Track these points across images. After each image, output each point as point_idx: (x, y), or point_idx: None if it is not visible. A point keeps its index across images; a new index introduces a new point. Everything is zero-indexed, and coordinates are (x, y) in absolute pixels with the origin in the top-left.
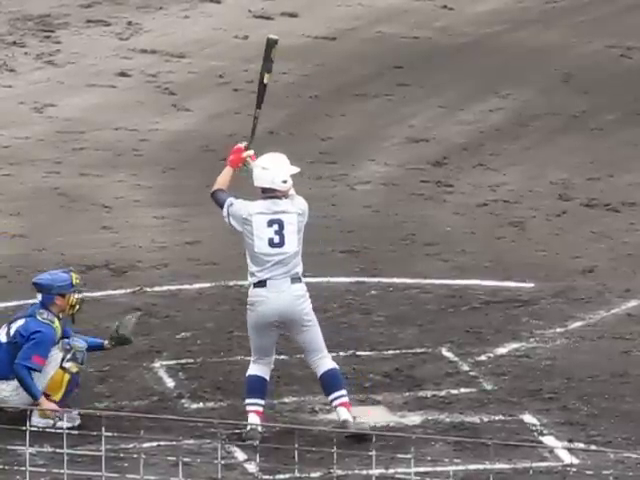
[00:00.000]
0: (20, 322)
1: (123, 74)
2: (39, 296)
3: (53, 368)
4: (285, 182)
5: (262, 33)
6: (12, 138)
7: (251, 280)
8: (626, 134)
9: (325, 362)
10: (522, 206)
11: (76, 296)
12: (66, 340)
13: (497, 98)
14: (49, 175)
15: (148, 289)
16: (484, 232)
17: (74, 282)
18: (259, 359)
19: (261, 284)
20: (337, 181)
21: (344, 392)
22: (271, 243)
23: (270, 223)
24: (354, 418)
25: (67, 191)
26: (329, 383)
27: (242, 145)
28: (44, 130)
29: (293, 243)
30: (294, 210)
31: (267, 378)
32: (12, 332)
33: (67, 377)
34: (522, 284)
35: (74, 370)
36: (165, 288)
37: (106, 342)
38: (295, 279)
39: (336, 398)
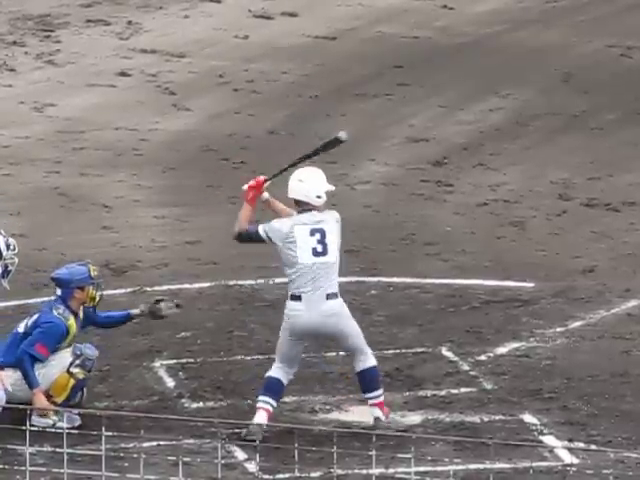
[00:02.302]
0: (37, 314)
1: (123, 74)
2: (58, 291)
3: (60, 370)
4: (319, 197)
5: (262, 33)
6: (12, 138)
7: (290, 291)
8: (626, 134)
9: (366, 360)
10: (522, 206)
11: (97, 291)
12: (78, 345)
13: (497, 98)
14: (49, 175)
15: (148, 289)
16: (484, 232)
17: (92, 274)
18: (282, 367)
19: (297, 298)
20: (337, 181)
21: (379, 392)
22: (315, 252)
23: (312, 232)
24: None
25: (67, 191)
26: (365, 383)
27: (262, 178)
28: (44, 130)
29: (334, 252)
30: (332, 219)
31: (285, 384)
32: (29, 323)
33: (72, 382)
34: (522, 284)
35: (80, 376)
36: (165, 288)
37: (136, 311)
38: (331, 294)
39: (372, 398)
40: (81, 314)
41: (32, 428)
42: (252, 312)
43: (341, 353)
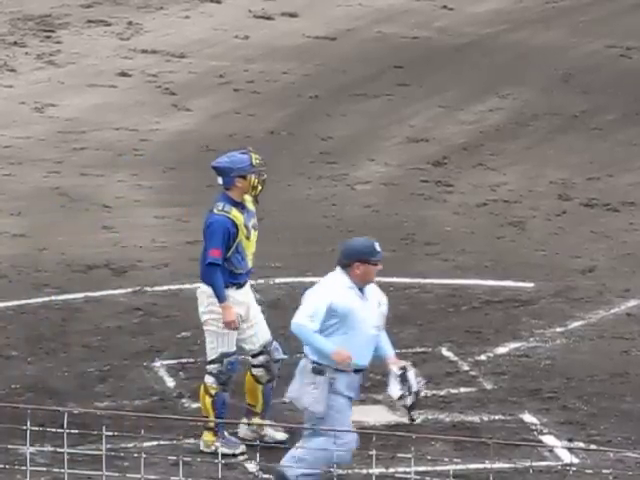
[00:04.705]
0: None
1: (124, 74)
2: (219, 179)
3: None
4: None
5: (262, 33)
6: (13, 138)
7: None
8: (626, 134)
9: None
10: (522, 206)
11: (259, 180)
12: (275, 344)
13: (497, 98)
14: (50, 175)
15: (148, 289)
16: (484, 232)
17: (254, 162)
18: None
19: None
20: (337, 181)
21: None
22: None
23: None
24: None
25: (68, 191)
26: None
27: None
28: (45, 130)
29: None
30: None
31: None
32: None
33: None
34: (522, 284)
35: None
36: (165, 288)
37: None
38: None
39: None
40: (250, 206)
41: (33, 428)
42: None
43: None
